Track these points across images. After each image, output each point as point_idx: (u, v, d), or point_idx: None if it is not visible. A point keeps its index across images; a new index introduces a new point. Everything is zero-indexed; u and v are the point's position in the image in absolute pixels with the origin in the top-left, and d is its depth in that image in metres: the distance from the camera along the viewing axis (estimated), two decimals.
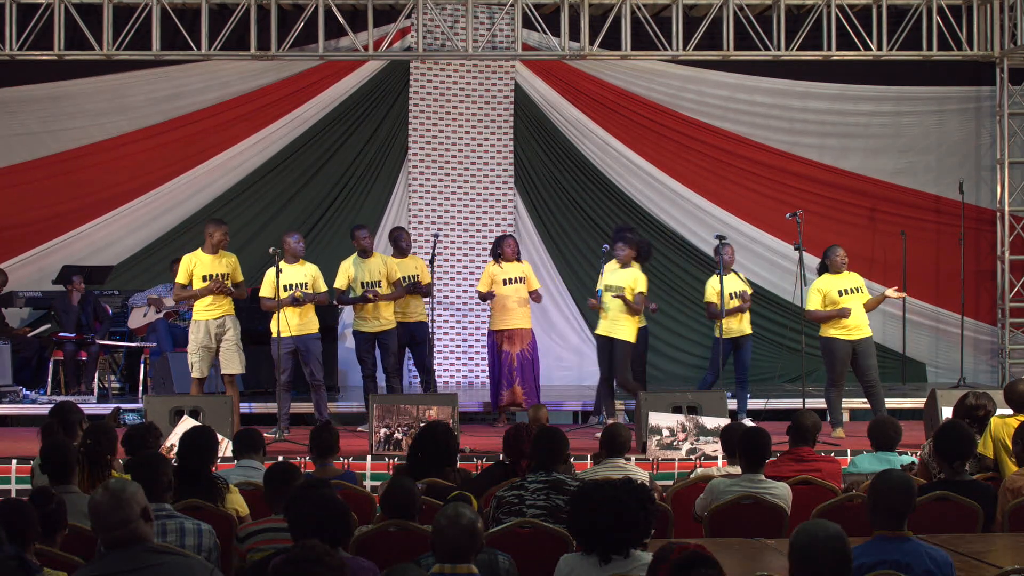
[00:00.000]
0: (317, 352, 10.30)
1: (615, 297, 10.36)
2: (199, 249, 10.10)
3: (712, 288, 10.62)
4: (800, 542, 3.75)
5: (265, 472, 5.63)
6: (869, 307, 10.14)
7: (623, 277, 10.44)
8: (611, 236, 11.14)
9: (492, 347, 11.14)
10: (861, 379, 10.17)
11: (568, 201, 13.84)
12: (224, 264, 10.01)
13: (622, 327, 10.39)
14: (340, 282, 10.85)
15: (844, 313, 9.95)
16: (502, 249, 11.09)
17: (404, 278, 10.86)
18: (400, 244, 11.22)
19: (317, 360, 10.26)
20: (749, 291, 10.78)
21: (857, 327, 10.06)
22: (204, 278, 9.94)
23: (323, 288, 10.38)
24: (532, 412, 8.63)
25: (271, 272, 10.15)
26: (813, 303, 10.15)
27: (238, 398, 10.10)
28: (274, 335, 10.00)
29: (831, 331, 10.10)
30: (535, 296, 11.19)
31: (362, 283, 10.72)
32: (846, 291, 10.06)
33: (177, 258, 12.50)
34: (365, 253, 10.79)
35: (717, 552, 5.10)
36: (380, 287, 10.69)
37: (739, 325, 10.60)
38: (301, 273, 10.25)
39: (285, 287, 10.08)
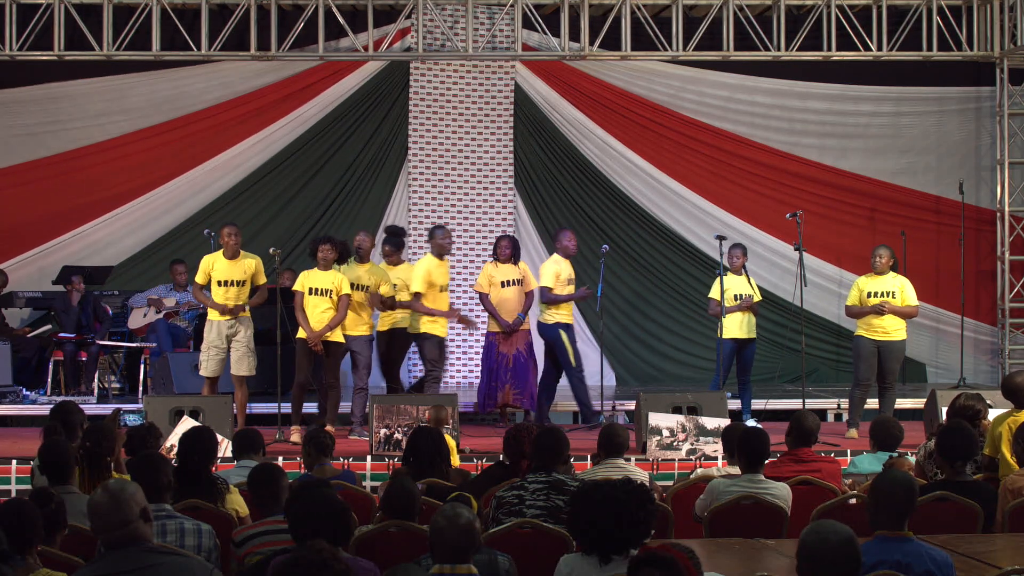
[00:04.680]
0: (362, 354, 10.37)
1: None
2: (220, 251, 10.06)
3: (715, 286, 10.67)
4: (810, 543, 3.76)
5: (248, 475, 5.63)
6: (897, 313, 10.11)
7: None
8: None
9: (489, 348, 11.07)
10: (878, 380, 10.21)
11: (568, 201, 13.83)
12: (242, 270, 9.95)
13: None
14: None
15: (878, 310, 9.97)
16: (498, 250, 11.01)
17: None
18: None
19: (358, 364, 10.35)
20: (756, 297, 10.78)
21: (883, 329, 10.07)
22: (220, 283, 9.93)
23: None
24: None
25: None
26: (849, 299, 10.30)
27: (246, 399, 10.09)
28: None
29: (859, 330, 10.21)
30: (528, 298, 10.94)
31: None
32: (876, 293, 10.06)
33: (177, 258, 12.55)
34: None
35: (717, 552, 5.14)
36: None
37: (740, 328, 10.60)
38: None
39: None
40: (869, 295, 10.08)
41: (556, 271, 10.68)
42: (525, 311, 10.83)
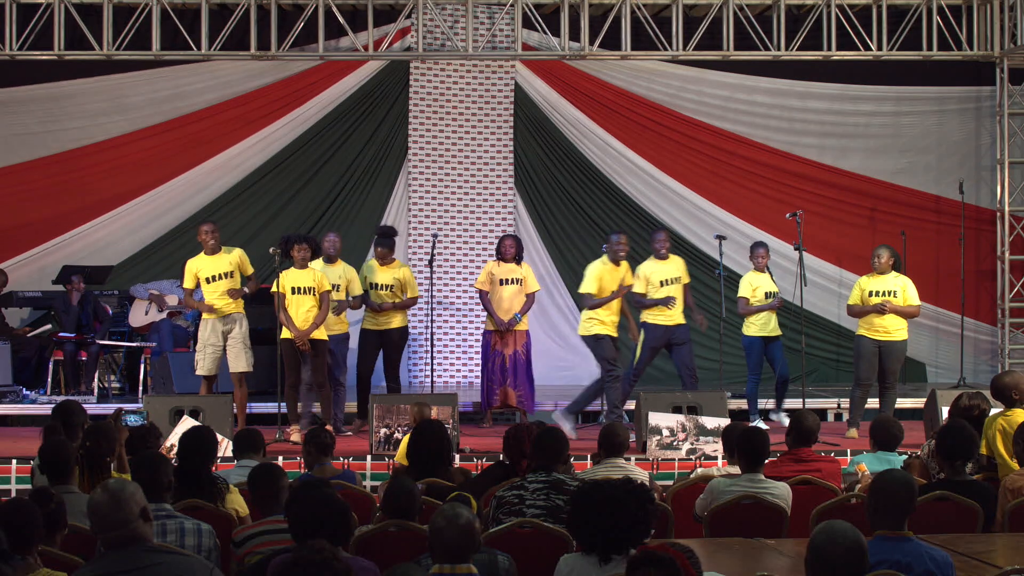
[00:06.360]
0: (338, 352, 10.40)
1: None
2: (201, 252, 10.10)
3: (745, 285, 10.72)
4: (819, 544, 3.78)
5: (248, 474, 5.63)
6: (898, 313, 10.09)
7: None
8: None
9: (485, 347, 11.09)
10: (879, 379, 10.21)
11: (568, 201, 13.83)
12: (227, 262, 9.99)
13: None
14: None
15: (879, 309, 9.96)
16: (501, 249, 11.07)
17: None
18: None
19: (338, 361, 10.38)
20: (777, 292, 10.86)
21: (884, 329, 10.06)
22: (208, 280, 9.94)
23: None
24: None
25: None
26: (851, 299, 10.29)
27: (246, 398, 10.09)
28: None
29: (860, 329, 10.20)
30: (528, 300, 11.00)
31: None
32: (878, 293, 10.06)
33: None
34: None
35: (717, 552, 5.14)
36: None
37: (768, 326, 10.70)
38: (336, 275, 10.27)
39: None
40: (871, 294, 10.07)
41: (648, 273, 10.63)
42: (523, 312, 10.84)
